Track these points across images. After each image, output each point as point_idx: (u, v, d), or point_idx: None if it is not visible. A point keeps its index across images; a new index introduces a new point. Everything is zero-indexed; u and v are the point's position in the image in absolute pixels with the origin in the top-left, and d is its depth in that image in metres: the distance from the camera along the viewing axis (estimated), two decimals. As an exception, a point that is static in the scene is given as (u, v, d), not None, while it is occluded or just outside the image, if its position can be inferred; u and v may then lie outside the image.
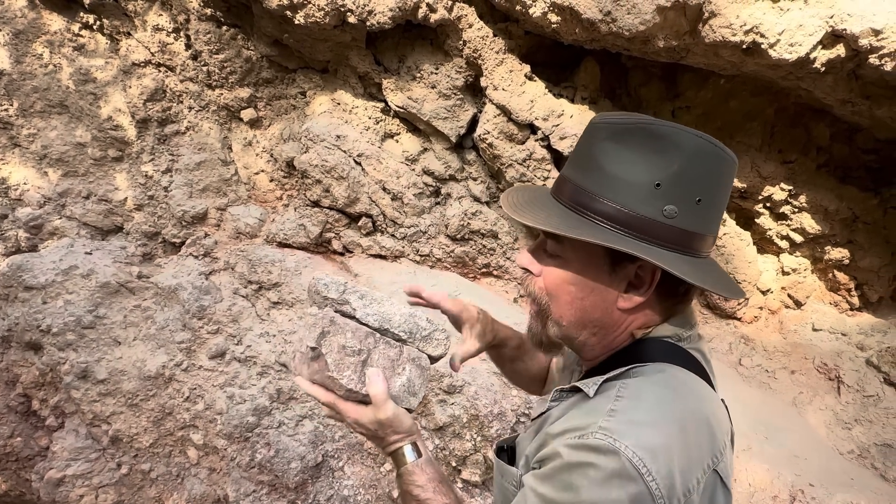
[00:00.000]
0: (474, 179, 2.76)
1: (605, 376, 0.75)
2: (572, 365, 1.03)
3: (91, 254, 2.70)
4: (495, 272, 2.85)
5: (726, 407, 0.82)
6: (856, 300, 2.77)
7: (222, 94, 2.75)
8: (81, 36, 2.67)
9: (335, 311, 0.95)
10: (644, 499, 0.62)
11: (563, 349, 0.89)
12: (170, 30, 2.62)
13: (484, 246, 2.77)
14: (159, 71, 2.72)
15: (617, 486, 0.63)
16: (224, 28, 2.59)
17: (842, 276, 2.76)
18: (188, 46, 2.68)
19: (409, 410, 0.93)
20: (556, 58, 2.70)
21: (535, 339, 0.86)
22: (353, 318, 0.95)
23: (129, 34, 2.68)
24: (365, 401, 0.89)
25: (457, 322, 1.10)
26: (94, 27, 2.67)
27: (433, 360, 1.02)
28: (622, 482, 0.62)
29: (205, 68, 2.69)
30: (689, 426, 0.68)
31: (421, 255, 2.83)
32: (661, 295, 0.77)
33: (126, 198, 2.81)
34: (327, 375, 0.88)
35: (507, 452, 0.90)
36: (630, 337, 0.80)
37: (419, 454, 0.88)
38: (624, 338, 0.81)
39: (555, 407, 0.81)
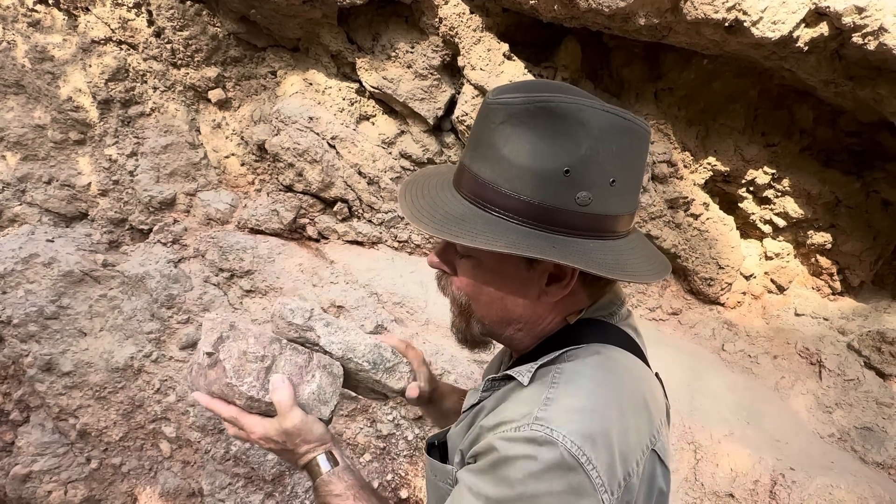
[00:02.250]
0: (454, 163, 2.69)
1: (539, 362, 0.70)
2: (501, 353, 0.98)
3: (53, 241, 2.59)
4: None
5: (661, 382, 0.79)
6: (838, 285, 2.76)
7: (188, 73, 2.64)
8: (36, 11, 2.53)
9: (296, 338, 0.91)
10: (584, 488, 0.59)
11: (491, 344, 0.84)
12: (130, 5, 2.49)
13: (463, 231, 2.71)
14: (121, 49, 2.58)
15: (555, 477, 0.59)
16: (187, 3, 2.47)
17: (824, 261, 2.74)
18: (150, 23, 2.55)
19: (324, 421, 0.87)
20: (536, 37, 2.62)
21: (460, 335, 0.82)
22: (315, 345, 0.91)
23: (87, 9, 2.54)
24: (269, 412, 0.83)
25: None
26: (50, 2, 2.53)
27: (395, 393, 0.98)
28: (561, 473, 0.59)
29: (169, 46, 2.57)
30: (626, 408, 0.65)
31: (399, 242, 2.76)
32: (587, 280, 0.73)
33: (90, 183, 2.69)
34: (226, 383, 0.81)
35: (439, 448, 0.85)
36: (562, 322, 0.76)
37: (335, 463, 0.83)
38: (554, 325, 0.76)
39: (487, 398, 0.77)
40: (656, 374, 0.79)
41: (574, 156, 0.64)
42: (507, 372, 0.73)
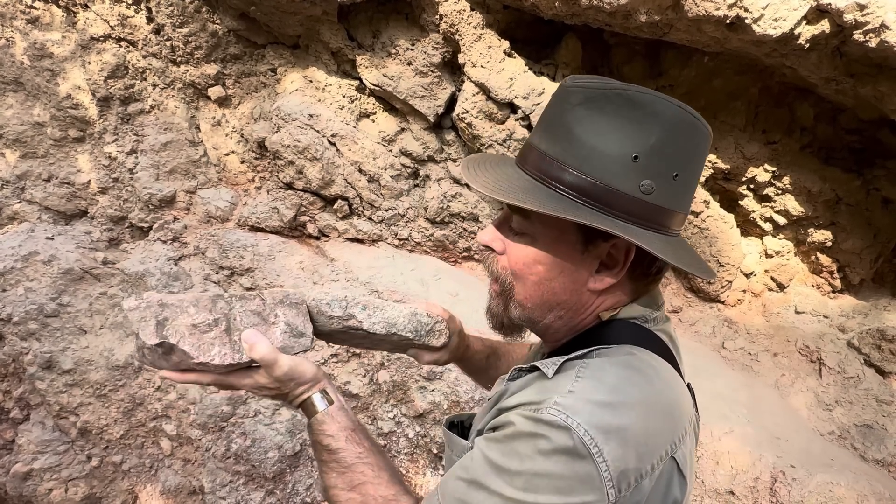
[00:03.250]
0: (454, 160, 2.69)
1: (566, 357, 0.70)
2: (533, 353, 0.99)
3: (53, 239, 2.58)
4: (476, 256, 2.79)
5: (692, 392, 0.78)
6: (838, 282, 2.76)
7: (188, 70, 2.63)
8: (35, 8, 2.52)
9: (341, 329, 0.90)
10: (591, 479, 0.59)
11: (525, 332, 0.84)
12: (129, 1, 2.48)
13: (464, 229, 2.71)
14: (120, 46, 2.58)
15: (564, 461, 0.60)
16: (187, 0, 2.46)
17: (824, 259, 2.74)
18: (150, 20, 2.54)
19: (306, 351, 0.87)
20: (537, 34, 2.61)
21: (495, 321, 0.81)
22: (360, 329, 0.91)
23: (86, 6, 2.53)
24: (253, 367, 0.82)
25: None
26: (49, -1, 2.52)
27: (438, 349, 1.01)
28: (570, 459, 0.60)
29: (168, 43, 2.56)
30: (649, 410, 0.65)
31: (399, 239, 2.76)
32: (632, 275, 0.73)
33: (89, 180, 2.68)
34: (193, 364, 0.77)
35: (458, 427, 0.87)
36: (596, 318, 0.75)
37: (330, 401, 0.83)
38: (590, 320, 0.76)
39: (511, 385, 0.77)
40: (688, 385, 0.78)
41: (644, 144, 0.66)
42: (534, 363, 0.73)
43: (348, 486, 0.77)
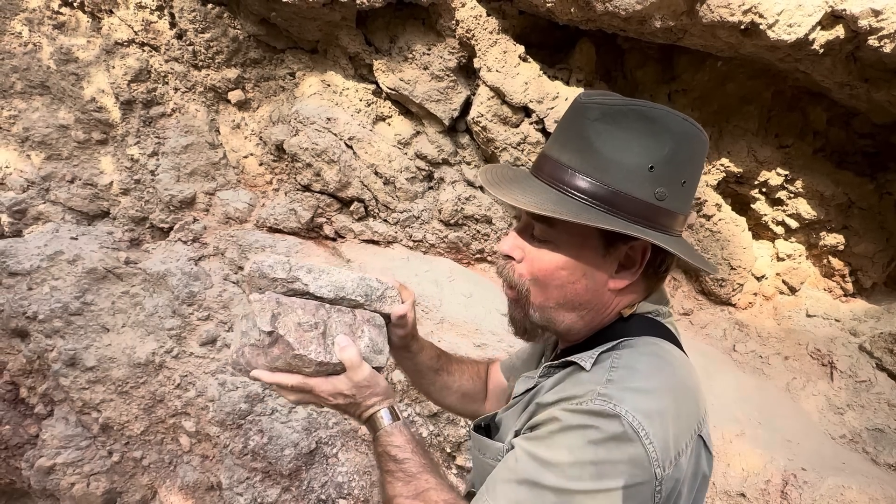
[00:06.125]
0: (468, 163, 2.72)
1: (600, 349, 0.76)
2: (538, 352, 1.03)
3: (77, 239, 2.65)
4: (489, 258, 2.82)
5: None
6: (850, 286, 2.77)
7: (209, 74, 2.68)
8: (61, 13, 2.58)
9: (284, 292, 0.92)
10: (641, 460, 0.64)
11: (545, 334, 0.88)
12: (153, 7, 2.54)
13: (478, 231, 2.74)
14: (143, 51, 2.64)
15: (616, 447, 0.65)
16: (209, 6, 2.51)
17: (836, 262, 2.75)
18: (172, 25, 2.60)
19: (379, 369, 0.93)
20: (551, 39, 2.64)
21: (518, 327, 0.86)
22: (306, 293, 0.93)
23: (110, 12, 2.59)
24: (335, 372, 0.88)
25: None
26: (75, 4, 2.58)
27: (389, 317, 1.01)
28: (621, 444, 0.65)
29: (190, 48, 2.61)
30: (679, 394, 0.71)
31: (414, 241, 2.80)
32: (645, 274, 0.79)
33: (112, 182, 2.75)
34: (294, 355, 0.86)
35: (485, 429, 0.91)
36: (617, 315, 0.81)
37: (397, 417, 0.89)
38: (611, 317, 0.81)
39: (543, 382, 0.82)
40: None
41: (659, 155, 0.72)
42: (569, 358, 0.78)
43: (413, 494, 0.81)
